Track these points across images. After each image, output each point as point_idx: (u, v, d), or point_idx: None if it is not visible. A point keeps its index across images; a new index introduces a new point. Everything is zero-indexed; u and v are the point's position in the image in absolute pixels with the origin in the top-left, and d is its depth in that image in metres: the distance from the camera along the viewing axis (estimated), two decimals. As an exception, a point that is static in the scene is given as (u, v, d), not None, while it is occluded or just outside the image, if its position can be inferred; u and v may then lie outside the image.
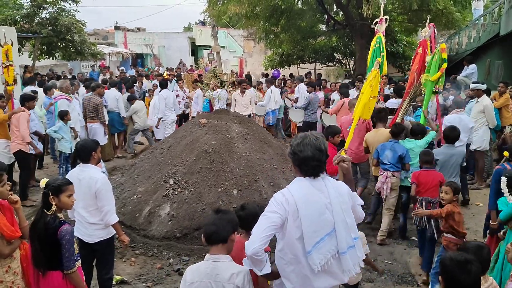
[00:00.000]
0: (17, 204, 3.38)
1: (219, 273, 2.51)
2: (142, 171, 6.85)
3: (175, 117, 10.29)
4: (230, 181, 6.05)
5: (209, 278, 2.50)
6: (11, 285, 3.27)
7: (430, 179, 5.03)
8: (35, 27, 16.97)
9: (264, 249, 2.48)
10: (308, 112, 10.25)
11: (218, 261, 2.54)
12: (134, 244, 5.52)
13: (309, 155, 2.57)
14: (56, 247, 2.99)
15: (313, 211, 2.55)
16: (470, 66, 12.22)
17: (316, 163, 2.59)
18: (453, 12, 13.14)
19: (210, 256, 2.56)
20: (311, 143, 2.59)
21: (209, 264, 2.52)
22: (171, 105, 10.04)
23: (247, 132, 7.09)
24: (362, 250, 2.73)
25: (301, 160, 2.60)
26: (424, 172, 5.16)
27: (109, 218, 3.98)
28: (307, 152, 2.57)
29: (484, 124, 7.72)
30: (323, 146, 2.61)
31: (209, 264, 2.52)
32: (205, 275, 2.50)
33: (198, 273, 2.49)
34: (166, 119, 9.91)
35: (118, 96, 10.10)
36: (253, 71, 23.07)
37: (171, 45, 33.03)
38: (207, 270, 2.51)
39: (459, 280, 2.29)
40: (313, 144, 2.59)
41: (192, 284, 2.46)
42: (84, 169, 4.01)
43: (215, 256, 2.55)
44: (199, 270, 2.50)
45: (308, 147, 2.58)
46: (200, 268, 2.50)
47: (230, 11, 15.28)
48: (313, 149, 2.57)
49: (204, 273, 2.49)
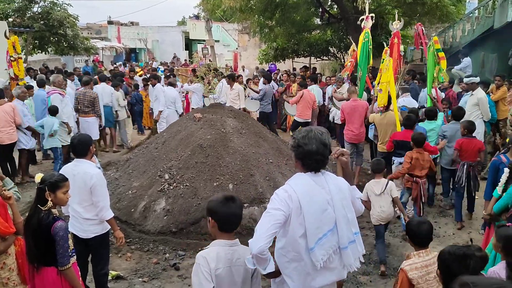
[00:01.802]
0: (10, 200, 3.35)
1: (240, 257, 2.51)
2: (137, 166, 6.81)
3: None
4: (226, 176, 6.03)
5: (230, 264, 2.48)
6: (6, 281, 3.26)
7: (471, 146, 6.15)
8: (27, 21, 16.81)
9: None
10: (263, 103, 10.95)
11: (235, 245, 2.55)
12: (129, 239, 5.50)
13: (314, 148, 2.55)
14: (50, 243, 2.97)
15: (316, 208, 2.53)
16: (465, 59, 12.25)
17: (320, 157, 2.57)
18: (448, 6, 13.13)
19: (227, 242, 2.52)
20: (316, 137, 2.57)
21: (229, 249, 2.51)
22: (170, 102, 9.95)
23: (242, 126, 7.06)
24: (363, 244, 2.72)
25: (305, 153, 2.58)
26: (467, 140, 6.17)
27: (104, 214, 3.95)
28: (311, 146, 2.56)
29: (478, 117, 7.73)
30: (328, 141, 2.60)
31: (229, 250, 2.51)
32: (226, 260, 2.48)
33: (220, 259, 2.46)
34: (163, 115, 9.83)
35: (112, 91, 10.09)
36: (247, 65, 23.01)
37: (165, 39, 32.85)
38: (228, 256, 2.49)
39: (459, 274, 2.26)
40: (318, 138, 2.57)
41: (217, 270, 2.44)
42: (79, 164, 3.97)
43: (231, 242, 2.54)
44: (220, 256, 2.47)
45: (313, 140, 2.56)
46: (220, 254, 2.47)
47: (224, 5, 15.18)
48: (317, 143, 2.56)
49: (225, 259, 2.47)
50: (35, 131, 7.97)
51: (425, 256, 3.04)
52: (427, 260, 3.02)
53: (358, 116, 7.57)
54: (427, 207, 6.52)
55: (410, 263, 3.01)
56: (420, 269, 2.98)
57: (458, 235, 5.90)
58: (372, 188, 5.17)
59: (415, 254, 3.08)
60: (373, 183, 5.22)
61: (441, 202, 7.03)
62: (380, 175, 5.29)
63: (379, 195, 5.08)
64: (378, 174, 5.28)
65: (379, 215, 5.07)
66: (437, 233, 5.92)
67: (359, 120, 7.59)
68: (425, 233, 3.11)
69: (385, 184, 5.10)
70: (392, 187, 5.13)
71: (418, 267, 2.98)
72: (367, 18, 8.01)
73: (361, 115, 7.59)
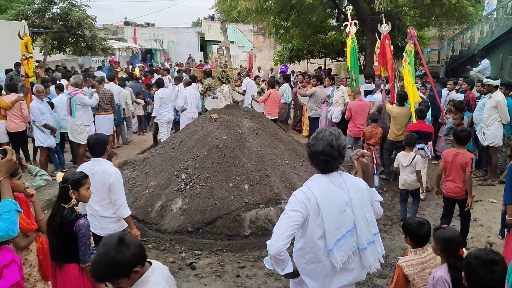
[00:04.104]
0: (33, 198, 3.42)
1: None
2: (154, 165, 6.88)
3: (171, 117, 10.06)
4: (242, 176, 6.05)
5: None
6: (27, 277, 3.31)
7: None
8: (46, 22, 17.08)
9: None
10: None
11: None
12: (146, 238, 5.56)
13: (320, 149, 2.58)
14: (72, 241, 3.02)
15: (334, 209, 2.53)
16: (483, 61, 12.06)
17: (325, 157, 2.58)
18: (466, 6, 12.91)
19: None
20: (324, 138, 2.60)
21: None
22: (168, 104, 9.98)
23: (258, 127, 7.08)
24: (382, 245, 2.71)
25: (312, 153, 2.63)
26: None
27: (122, 212, 4.02)
28: (318, 147, 2.59)
29: (497, 120, 7.60)
30: (336, 142, 2.59)
31: None
32: None
33: None
34: (161, 118, 9.83)
35: (119, 90, 10.55)
36: (262, 66, 23.03)
37: (180, 40, 33.10)
38: None
39: (484, 280, 2.23)
40: (326, 139, 2.59)
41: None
42: (96, 163, 4.05)
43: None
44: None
45: (320, 141, 2.60)
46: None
47: (240, 6, 15.20)
48: (324, 144, 2.58)
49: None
50: (53, 129, 8.14)
51: (421, 253, 3.19)
52: (423, 257, 3.17)
53: (364, 114, 8.68)
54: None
55: (407, 260, 3.14)
56: (416, 265, 3.12)
57: (477, 239, 5.82)
58: (401, 159, 6.18)
59: (412, 251, 3.22)
60: (403, 155, 6.20)
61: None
62: (410, 148, 6.20)
63: (405, 167, 6.09)
64: (408, 147, 6.19)
65: (404, 181, 6.14)
66: (455, 237, 5.85)
67: (364, 117, 8.66)
68: (424, 234, 3.21)
69: (411, 158, 6.04)
70: (417, 161, 6.04)
71: (414, 263, 3.12)
72: (350, 24, 8.93)
73: (366, 112, 8.66)
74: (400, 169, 6.18)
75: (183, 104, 10.01)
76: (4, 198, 2.44)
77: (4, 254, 2.66)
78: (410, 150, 6.18)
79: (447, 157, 5.37)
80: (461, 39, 15.93)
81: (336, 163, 2.63)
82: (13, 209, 2.40)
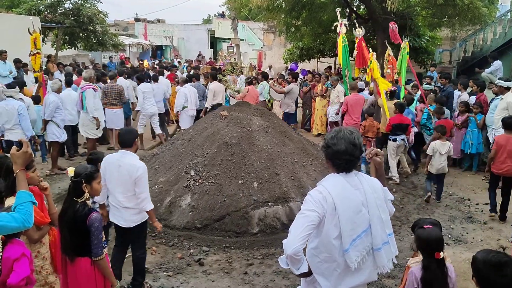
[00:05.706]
0: (47, 191, 3.46)
1: None
2: (163, 161, 6.91)
3: (154, 110, 10.23)
4: (251, 174, 6.06)
5: None
6: (40, 269, 3.35)
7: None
8: (58, 17, 17.18)
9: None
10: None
11: None
12: (155, 233, 5.59)
13: (342, 148, 2.53)
14: (85, 234, 3.05)
15: (350, 209, 2.52)
16: (495, 62, 11.94)
17: (349, 157, 2.55)
18: (480, 7, 12.77)
19: None
20: (345, 137, 2.56)
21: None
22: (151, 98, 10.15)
23: (268, 125, 7.08)
24: (396, 246, 2.70)
25: (334, 153, 2.57)
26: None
27: (146, 205, 4.12)
28: (340, 146, 2.54)
29: (508, 122, 7.54)
30: (357, 141, 2.57)
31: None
32: None
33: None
34: (144, 112, 10.17)
35: (128, 84, 10.76)
36: (272, 65, 22.99)
37: (190, 37, 33.14)
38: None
39: (496, 284, 2.22)
40: (347, 138, 2.55)
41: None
42: (124, 155, 4.12)
43: None
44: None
45: (341, 140, 2.55)
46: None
47: (251, 4, 15.18)
48: (346, 143, 2.54)
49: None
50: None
51: None
52: None
53: (359, 107, 9.21)
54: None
55: (417, 261, 3.10)
56: None
57: (487, 242, 5.77)
58: (439, 148, 6.88)
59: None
60: (440, 144, 6.91)
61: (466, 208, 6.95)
62: (444, 138, 6.99)
63: (443, 154, 6.87)
64: (443, 136, 6.97)
65: (441, 166, 6.92)
66: (465, 239, 5.83)
67: (359, 110, 9.21)
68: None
69: (448, 146, 6.92)
70: (451, 150, 7.00)
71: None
72: (340, 25, 9.58)
73: (361, 106, 9.23)
74: (436, 156, 6.90)
75: (183, 102, 10.22)
76: (20, 190, 2.47)
77: (15, 248, 2.70)
78: (445, 140, 6.98)
79: (500, 141, 6.18)
80: (473, 40, 15.77)
81: (357, 162, 2.62)
82: (28, 201, 2.43)
